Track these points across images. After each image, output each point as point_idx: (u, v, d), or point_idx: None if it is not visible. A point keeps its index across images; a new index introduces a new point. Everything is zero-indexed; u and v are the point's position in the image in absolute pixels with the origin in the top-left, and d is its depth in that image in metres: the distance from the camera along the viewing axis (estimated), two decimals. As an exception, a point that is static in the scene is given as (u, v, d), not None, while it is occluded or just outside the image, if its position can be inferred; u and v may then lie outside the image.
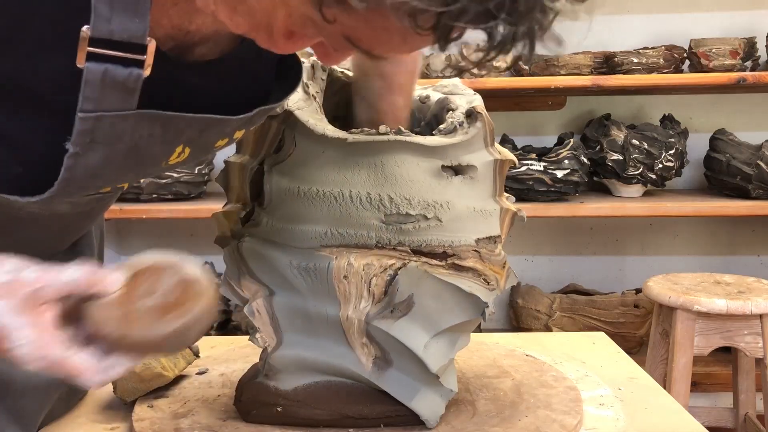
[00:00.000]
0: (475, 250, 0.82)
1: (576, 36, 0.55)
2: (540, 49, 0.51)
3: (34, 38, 0.58)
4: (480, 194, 0.84)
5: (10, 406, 0.82)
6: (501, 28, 0.48)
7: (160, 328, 0.59)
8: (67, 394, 0.95)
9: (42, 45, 0.59)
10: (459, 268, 0.80)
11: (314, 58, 0.89)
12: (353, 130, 0.81)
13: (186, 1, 0.61)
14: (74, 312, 0.60)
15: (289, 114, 0.80)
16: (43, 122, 0.62)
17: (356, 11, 0.48)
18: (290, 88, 0.75)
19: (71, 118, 0.59)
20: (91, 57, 0.57)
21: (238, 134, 0.74)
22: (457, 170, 0.82)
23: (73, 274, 0.59)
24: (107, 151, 0.62)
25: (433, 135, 0.83)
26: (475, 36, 0.51)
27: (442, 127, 0.84)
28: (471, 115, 0.83)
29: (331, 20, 0.50)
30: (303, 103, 0.81)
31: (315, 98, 0.84)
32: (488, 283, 0.82)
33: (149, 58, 0.59)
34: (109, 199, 0.86)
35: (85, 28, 0.56)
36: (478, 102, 0.87)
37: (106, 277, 0.60)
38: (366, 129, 0.81)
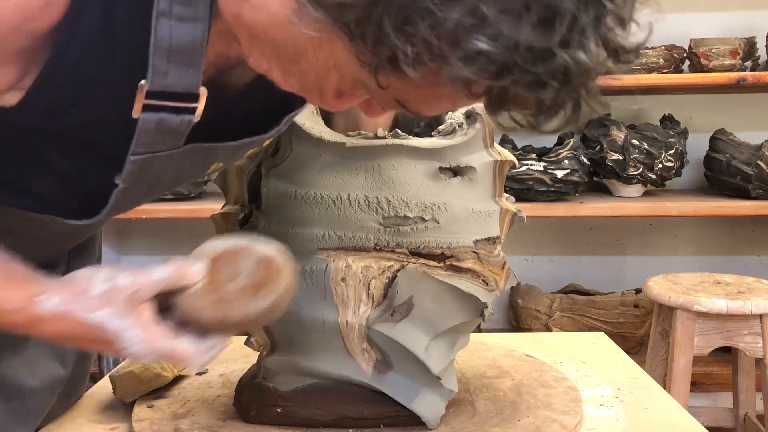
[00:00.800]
0: (474, 252, 0.81)
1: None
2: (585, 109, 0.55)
3: (99, 96, 0.60)
4: (479, 195, 0.84)
5: (17, 407, 0.83)
6: (551, 94, 0.50)
7: (255, 306, 0.64)
8: (66, 395, 0.95)
9: (104, 101, 0.61)
10: (457, 270, 0.80)
11: None
12: (350, 133, 0.81)
13: (230, 35, 0.61)
14: (164, 302, 0.65)
15: None
16: (97, 163, 0.65)
17: (411, 79, 0.50)
18: None
19: (122, 159, 0.62)
20: (146, 108, 0.59)
21: (267, 142, 0.76)
22: (455, 171, 0.82)
23: (162, 273, 0.64)
24: (154, 181, 0.66)
25: (431, 136, 0.83)
26: None
27: (440, 128, 0.83)
28: (470, 116, 0.83)
29: (385, 86, 0.52)
30: None
31: None
32: (487, 284, 0.82)
33: (201, 105, 0.61)
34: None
35: (142, 82, 0.57)
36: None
37: (190, 269, 0.66)
38: (363, 132, 0.81)
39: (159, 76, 0.58)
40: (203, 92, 0.60)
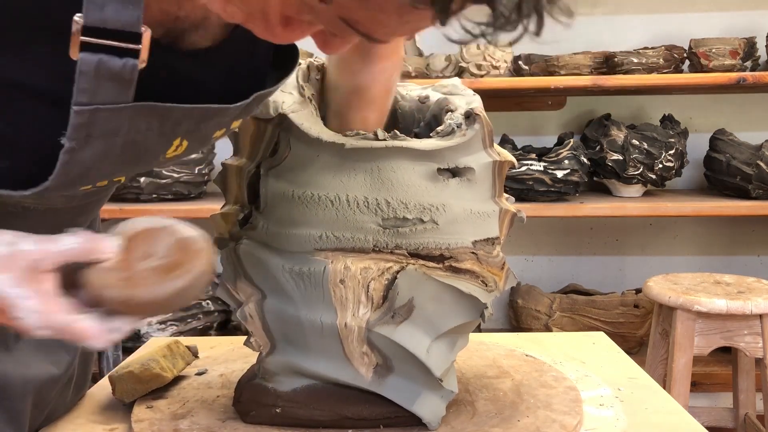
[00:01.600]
0: (473, 252, 0.81)
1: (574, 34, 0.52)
2: (549, 25, 0.47)
3: (24, 29, 0.57)
4: (478, 196, 0.84)
5: (7, 407, 0.82)
6: (505, 1, 0.45)
7: (164, 287, 0.61)
8: (67, 395, 0.95)
9: (33, 36, 0.58)
10: (456, 270, 0.80)
11: (310, 59, 0.89)
12: (348, 133, 0.81)
13: None
14: (73, 280, 0.61)
15: (283, 117, 0.79)
16: (36, 117, 0.62)
17: None
18: (286, 73, 0.73)
19: (66, 113, 0.58)
20: (84, 47, 0.56)
21: (236, 124, 0.73)
22: (454, 173, 0.82)
23: (69, 243, 0.60)
24: (104, 145, 0.61)
25: (430, 137, 0.83)
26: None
27: (439, 129, 0.83)
28: (469, 116, 0.83)
29: (327, 0, 0.49)
30: (298, 106, 0.81)
31: (311, 100, 0.83)
32: (486, 284, 0.82)
33: (144, 48, 0.58)
34: (105, 193, 0.85)
35: (77, 16, 0.55)
36: (477, 103, 0.86)
37: (102, 243, 0.61)
38: (362, 132, 0.80)
39: (94, 8, 0.55)
40: (146, 32, 0.57)
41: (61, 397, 0.93)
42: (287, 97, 0.80)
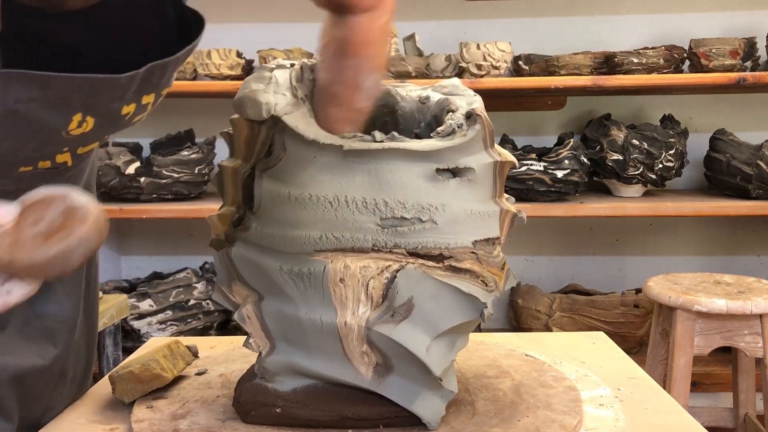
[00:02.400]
0: (472, 252, 0.81)
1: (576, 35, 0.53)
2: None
3: None
4: (478, 196, 0.84)
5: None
6: None
7: (43, 251, 0.62)
8: (72, 391, 0.95)
9: None
10: (456, 270, 0.80)
11: (304, 60, 0.89)
12: (345, 135, 0.81)
13: None
14: None
15: (277, 119, 0.79)
16: None
17: None
18: (189, 41, 0.71)
19: None
20: None
21: (148, 98, 0.70)
22: (454, 173, 0.82)
23: None
24: None
25: (431, 137, 0.83)
26: (475, 36, 0.48)
27: (440, 129, 0.83)
28: (470, 116, 0.83)
29: None
30: (291, 108, 0.80)
31: (305, 101, 0.83)
32: (486, 284, 0.82)
33: None
34: (60, 179, 0.81)
35: None
36: (477, 104, 0.86)
37: None
38: (360, 135, 0.80)
39: None
40: None
41: (56, 391, 0.93)
42: (280, 99, 0.80)
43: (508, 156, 0.87)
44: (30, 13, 0.59)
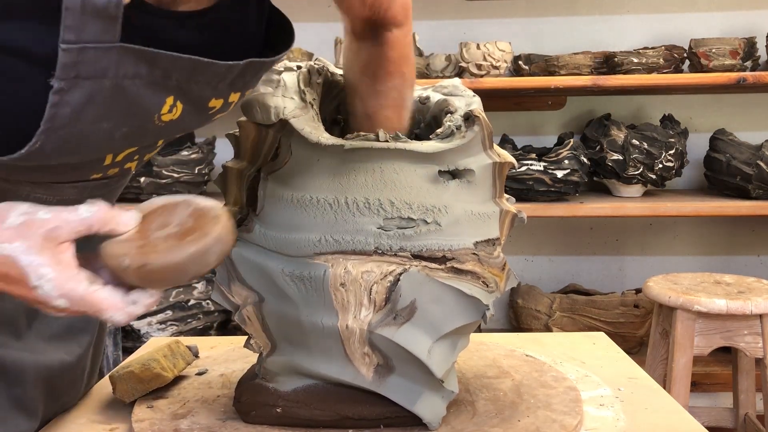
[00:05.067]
0: (474, 253, 0.81)
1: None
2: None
3: None
4: (478, 198, 0.84)
5: (19, 394, 0.82)
6: None
7: (180, 251, 0.60)
8: (84, 385, 0.95)
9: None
10: (458, 272, 0.80)
11: (310, 62, 0.89)
12: (348, 135, 0.81)
13: None
14: (94, 257, 0.61)
15: (285, 123, 0.79)
16: (24, 73, 0.61)
17: None
18: (284, 46, 0.73)
19: (54, 66, 0.58)
20: None
21: (234, 97, 0.72)
22: (454, 174, 0.82)
23: (87, 212, 0.60)
24: (92, 87, 0.61)
25: (430, 139, 0.83)
26: (475, 36, 0.49)
27: (438, 131, 0.83)
28: (469, 118, 0.83)
29: None
30: (299, 111, 0.80)
31: (312, 105, 0.83)
32: (487, 285, 0.82)
33: None
34: (115, 186, 0.85)
35: None
36: (476, 105, 0.86)
37: (120, 215, 0.61)
38: (362, 134, 0.80)
39: None
40: None
41: (74, 387, 0.93)
42: (288, 103, 0.80)
43: (507, 157, 0.87)
44: (147, 9, 0.61)
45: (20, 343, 0.84)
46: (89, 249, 0.63)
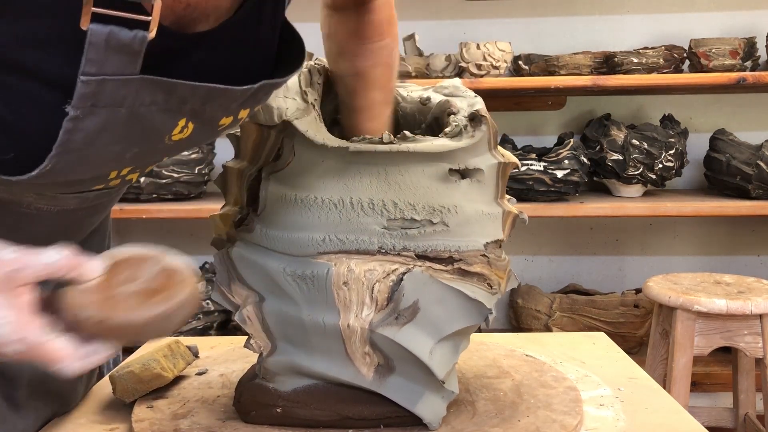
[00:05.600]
0: (483, 255, 0.81)
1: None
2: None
3: (40, 5, 0.57)
4: (486, 197, 0.83)
5: (14, 395, 0.83)
6: None
7: (143, 311, 0.58)
8: (83, 387, 0.95)
9: (39, 7, 0.57)
10: (464, 273, 0.80)
11: (311, 62, 0.89)
12: (354, 138, 0.81)
13: None
14: (53, 301, 0.59)
15: (287, 124, 0.79)
16: (40, 96, 0.61)
17: None
18: (295, 66, 0.73)
19: (70, 91, 0.58)
20: (95, 18, 0.56)
21: (243, 113, 0.73)
22: (464, 174, 0.82)
23: (52, 257, 0.58)
24: (107, 116, 0.61)
25: (439, 137, 0.82)
26: (475, 36, 0.49)
27: (447, 130, 0.83)
28: (475, 118, 0.83)
29: None
30: (301, 112, 0.80)
31: (314, 106, 0.83)
32: (491, 287, 0.82)
33: (155, 20, 0.57)
34: (115, 194, 0.85)
35: None
36: (480, 105, 0.86)
37: (86, 263, 0.60)
38: (368, 137, 0.80)
39: None
40: (157, 3, 0.57)
41: (73, 389, 0.93)
42: (290, 103, 0.80)
43: (510, 157, 0.87)
44: (164, 32, 0.61)
45: None
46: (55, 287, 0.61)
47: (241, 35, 0.70)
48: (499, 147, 0.87)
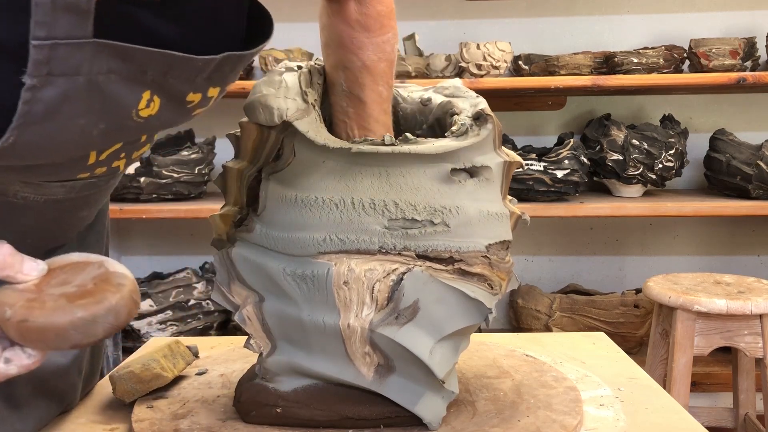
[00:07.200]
0: (485, 257, 0.81)
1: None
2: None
3: None
4: (493, 197, 0.83)
5: (10, 394, 0.82)
6: None
7: (65, 314, 0.56)
8: (83, 386, 0.95)
9: None
10: (464, 273, 0.80)
11: (311, 62, 0.89)
12: (356, 139, 0.81)
13: None
14: None
15: (287, 124, 0.79)
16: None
17: None
18: (263, 38, 0.72)
19: (25, 60, 0.57)
20: None
21: (213, 91, 0.71)
22: (471, 173, 0.82)
23: None
24: (66, 85, 0.60)
25: (445, 137, 0.82)
26: (475, 36, 0.49)
27: (453, 129, 0.83)
28: (480, 117, 0.83)
29: None
30: (302, 113, 0.80)
31: (314, 106, 0.83)
32: (492, 287, 0.82)
33: None
34: (105, 185, 0.84)
35: None
36: (484, 104, 0.86)
37: (22, 263, 0.58)
38: (369, 139, 0.80)
39: None
40: None
41: (73, 390, 0.93)
42: (291, 104, 0.80)
43: (515, 157, 0.87)
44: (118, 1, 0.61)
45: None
46: None
47: (206, 6, 0.69)
48: (503, 147, 0.87)
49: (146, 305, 2.31)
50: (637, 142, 2.33)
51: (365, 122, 0.86)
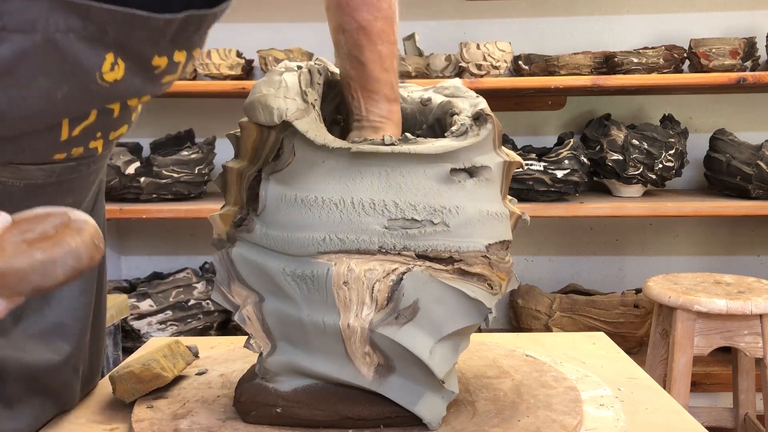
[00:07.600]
0: (484, 257, 0.81)
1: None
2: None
3: None
4: (493, 197, 0.83)
5: (2, 392, 0.82)
6: None
7: (24, 257, 0.57)
8: (82, 386, 0.95)
9: None
10: (464, 273, 0.80)
11: (311, 62, 0.89)
12: (355, 139, 0.81)
13: None
14: None
15: (287, 124, 0.79)
16: None
17: None
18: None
19: None
20: None
21: (179, 56, 0.70)
22: (471, 173, 0.82)
23: None
24: (22, 42, 0.59)
25: (445, 137, 0.82)
26: (475, 36, 0.49)
27: (453, 129, 0.83)
28: (480, 117, 0.83)
29: None
30: (302, 113, 0.80)
31: (314, 106, 0.83)
32: (491, 287, 0.82)
33: None
34: (86, 170, 0.83)
35: None
36: (484, 104, 0.86)
37: None
38: (369, 139, 0.80)
39: None
40: None
41: (69, 388, 0.93)
42: (291, 104, 0.80)
43: (515, 157, 0.87)
44: None
45: (3, 340, 0.83)
46: None
47: None
48: (503, 147, 0.87)
49: (146, 305, 2.31)
50: (637, 142, 2.33)
51: (366, 83, 0.86)
